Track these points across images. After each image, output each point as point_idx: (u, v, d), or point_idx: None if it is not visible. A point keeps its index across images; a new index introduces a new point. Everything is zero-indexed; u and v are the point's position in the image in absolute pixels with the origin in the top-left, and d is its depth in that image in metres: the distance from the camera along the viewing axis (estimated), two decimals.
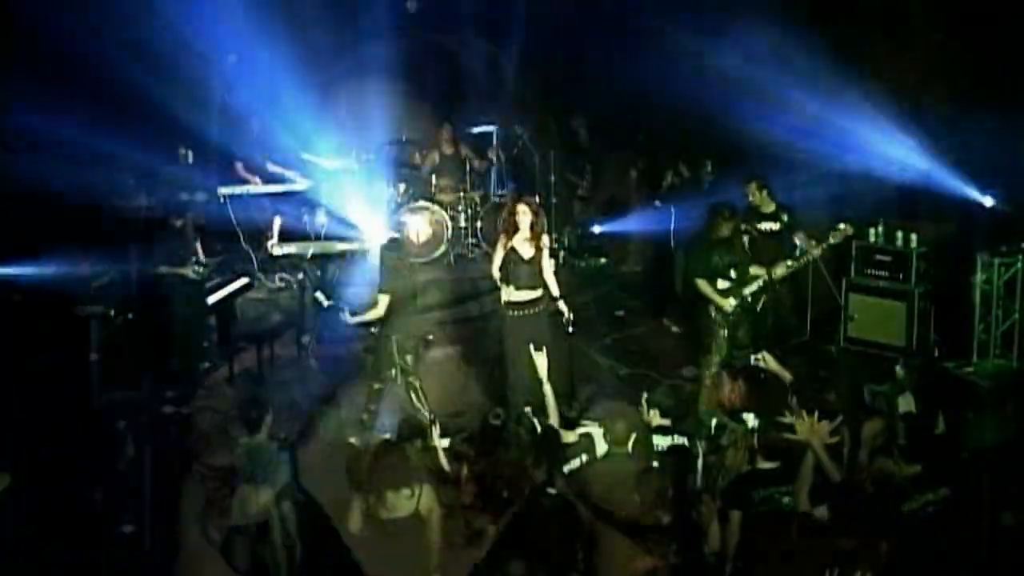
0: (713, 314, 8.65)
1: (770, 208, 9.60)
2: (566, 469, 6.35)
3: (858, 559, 5.12)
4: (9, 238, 8.49)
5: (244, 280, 9.52)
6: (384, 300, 8.08)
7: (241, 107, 11.47)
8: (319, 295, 8.85)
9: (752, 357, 7.21)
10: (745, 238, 8.94)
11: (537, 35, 12.68)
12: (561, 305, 8.38)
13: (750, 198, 9.64)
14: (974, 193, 9.94)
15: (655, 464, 6.18)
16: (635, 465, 6.21)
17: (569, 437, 6.60)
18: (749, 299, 8.66)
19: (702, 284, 8.68)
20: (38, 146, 9.17)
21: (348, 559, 5.80)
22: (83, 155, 9.24)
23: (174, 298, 9.23)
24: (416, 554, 5.80)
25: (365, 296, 8.61)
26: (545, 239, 8.39)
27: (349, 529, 5.86)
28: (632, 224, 12.20)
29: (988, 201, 9.80)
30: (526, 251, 8.23)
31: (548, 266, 8.35)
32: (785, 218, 9.46)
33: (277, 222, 10.81)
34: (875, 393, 7.27)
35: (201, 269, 9.26)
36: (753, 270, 8.67)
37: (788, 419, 6.64)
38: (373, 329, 8.48)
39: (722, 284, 8.63)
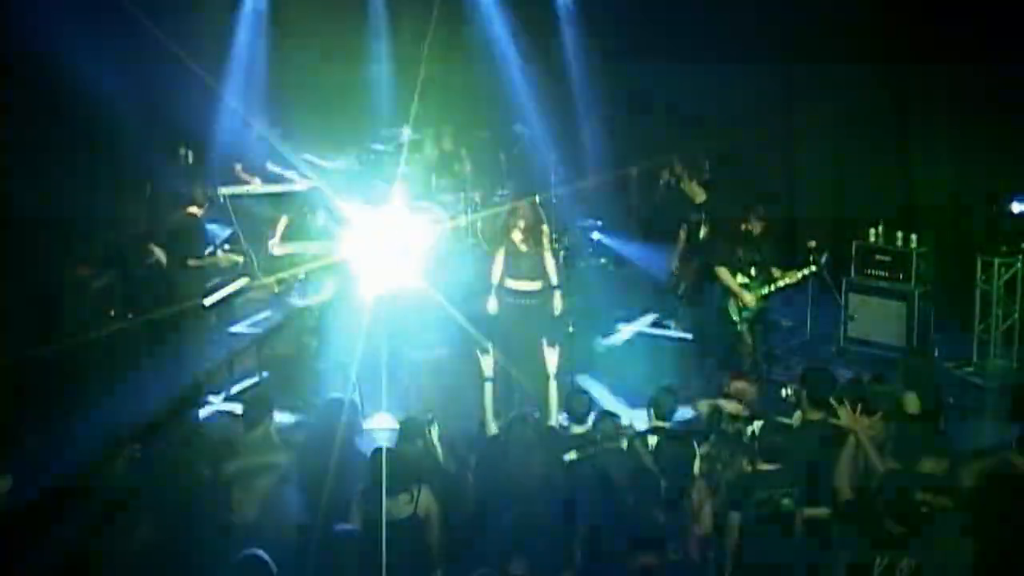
0: (731, 310, 8.68)
1: (701, 199, 9.64)
2: (566, 458, 6.37)
3: (907, 546, 5.13)
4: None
5: (243, 281, 9.49)
6: (330, 285, 8.24)
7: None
8: (293, 295, 8.96)
9: (783, 391, 7.22)
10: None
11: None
12: (556, 297, 8.49)
13: (681, 186, 9.69)
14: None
15: (653, 464, 6.17)
16: (634, 464, 6.21)
17: (576, 429, 6.63)
18: (762, 299, 8.69)
19: (723, 273, 8.70)
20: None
21: (349, 560, 5.80)
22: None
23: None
24: (416, 555, 5.79)
25: None
26: (545, 228, 8.67)
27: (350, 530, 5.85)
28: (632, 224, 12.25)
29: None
30: (524, 245, 8.54)
31: (550, 258, 8.61)
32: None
33: (283, 222, 10.82)
34: (876, 393, 7.26)
35: (234, 256, 9.21)
36: (774, 272, 8.71)
37: (788, 420, 6.68)
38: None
39: (740, 279, 8.66)
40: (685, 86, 11.84)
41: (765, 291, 8.75)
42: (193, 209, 9.10)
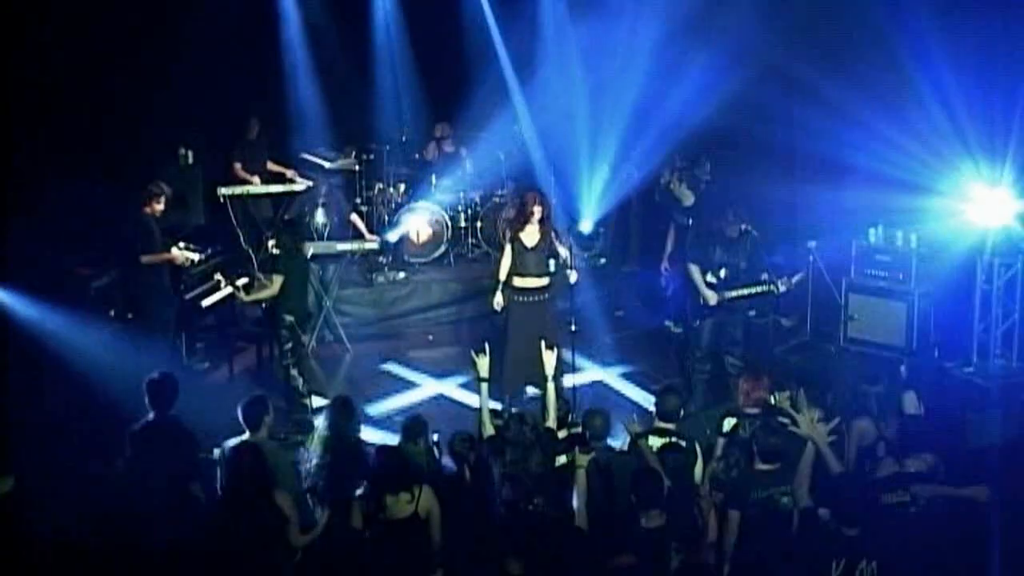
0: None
1: (689, 202, 9.59)
2: (563, 460, 6.37)
3: (864, 550, 5.14)
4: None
5: (229, 290, 9.47)
6: (278, 281, 8.30)
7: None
8: (240, 291, 9.02)
9: (771, 398, 7.17)
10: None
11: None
12: (572, 276, 8.56)
13: (671, 188, 9.65)
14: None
15: (652, 464, 6.17)
16: (632, 464, 6.22)
17: (561, 433, 6.63)
18: (728, 301, 8.65)
19: (693, 269, 8.69)
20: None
21: (349, 560, 5.81)
22: None
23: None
24: (416, 555, 5.80)
25: None
26: (553, 219, 8.74)
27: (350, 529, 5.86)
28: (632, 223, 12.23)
29: None
30: (531, 241, 8.59)
31: (562, 248, 8.69)
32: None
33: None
34: (868, 393, 7.27)
35: (188, 253, 9.23)
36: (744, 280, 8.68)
37: (787, 421, 6.67)
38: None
39: (709, 279, 8.65)
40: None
41: (732, 295, 8.68)
42: (149, 208, 9.08)
